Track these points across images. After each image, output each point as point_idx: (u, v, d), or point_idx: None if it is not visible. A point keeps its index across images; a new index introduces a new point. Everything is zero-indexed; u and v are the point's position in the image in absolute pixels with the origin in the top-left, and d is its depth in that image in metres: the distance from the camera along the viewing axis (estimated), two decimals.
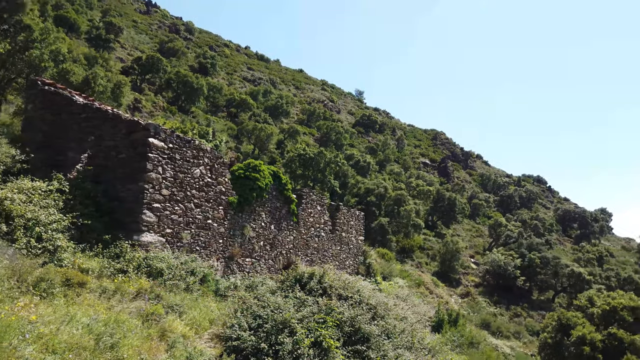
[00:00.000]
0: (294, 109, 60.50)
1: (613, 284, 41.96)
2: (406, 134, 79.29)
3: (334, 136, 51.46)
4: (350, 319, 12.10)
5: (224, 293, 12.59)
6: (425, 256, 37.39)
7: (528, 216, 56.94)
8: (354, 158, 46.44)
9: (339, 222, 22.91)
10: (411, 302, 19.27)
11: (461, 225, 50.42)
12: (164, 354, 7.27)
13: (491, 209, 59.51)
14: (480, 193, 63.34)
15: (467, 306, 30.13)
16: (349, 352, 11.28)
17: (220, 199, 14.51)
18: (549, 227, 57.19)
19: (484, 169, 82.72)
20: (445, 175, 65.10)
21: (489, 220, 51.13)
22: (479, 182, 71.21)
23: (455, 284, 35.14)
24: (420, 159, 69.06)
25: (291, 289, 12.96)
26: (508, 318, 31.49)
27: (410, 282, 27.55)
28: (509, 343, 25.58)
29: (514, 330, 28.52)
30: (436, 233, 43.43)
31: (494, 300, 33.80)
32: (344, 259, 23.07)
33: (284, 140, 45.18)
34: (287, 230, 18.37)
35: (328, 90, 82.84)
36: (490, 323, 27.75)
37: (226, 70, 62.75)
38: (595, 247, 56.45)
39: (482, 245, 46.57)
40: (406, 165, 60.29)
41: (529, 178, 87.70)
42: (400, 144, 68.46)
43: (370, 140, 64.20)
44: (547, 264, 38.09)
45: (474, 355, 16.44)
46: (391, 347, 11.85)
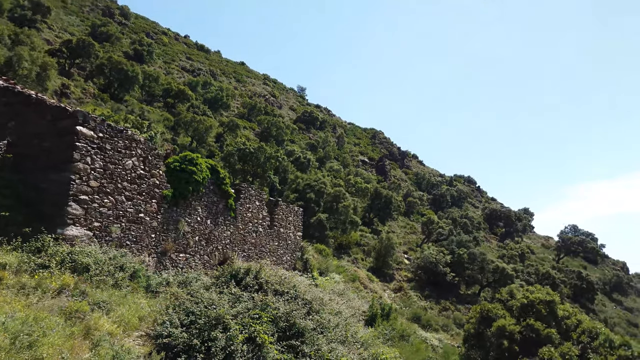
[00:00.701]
0: (235, 102, 59.54)
1: (533, 279, 45.08)
2: (346, 132, 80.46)
3: (274, 131, 51.20)
4: (286, 314, 12.14)
5: (156, 289, 12.20)
6: (361, 252, 38.21)
7: (458, 214, 59.72)
8: (295, 154, 46.50)
9: (277, 218, 22.86)
10: (346, 296, 19.63)
11: (396, 222, 51.96)
12: (87, 353, 6.93)
13: (425, 207, 61.80)
14: (415, 191, 65.60)
15: (400, 300, 31.16)
16: (284, 347, 11.32)
17: (153, 192, 14.02)
18: (477, 225, 60.29)
19: (419, 168, 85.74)
20: (383, 173, 66.81)
21: (423, 218, 53.10)
22: (414, 181, 73.72)
23: (389, 279, 36.20)
24: (359, 157, 70.36)
25: (226, 285, 12.79)
26: (437, 312, 32.90)
27: (346, 277, 28.06)
28: (437, 335, 26.74)
29: (442, 323, 29.86)
30: (372, 229, 44.48)
31: (425, 295, 35.20)
32: (282, 255, 23.08)
33: (223, 133, 44.35)
34: (224, 226, 18.08)
35: (270, 85, 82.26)
36: (420, 316, 28.87)
37: (164, 58, 60.54)
38: (518, 244, 60.27)
39: (415, 241, 48.27)
40: (346, 162, 61.20)
41: (460, 178, 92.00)
42: (341, 141, 69.37)
43: (311, 137, 64.53)
44: (475, 260, 40.18)
45: (404, 348, 17.04)
46: (325, 341, 12.03)
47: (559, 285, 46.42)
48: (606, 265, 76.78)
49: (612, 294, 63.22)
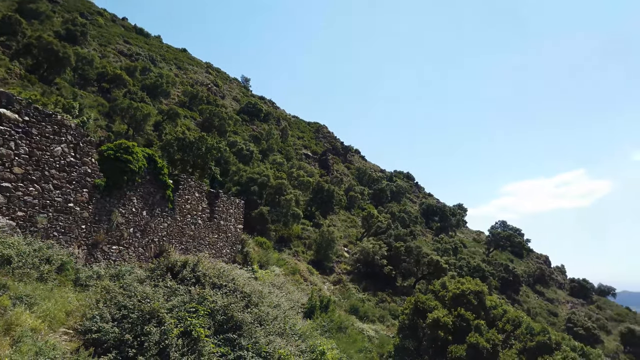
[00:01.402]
0: (175, 90, 57.64)
1: (464, 272, 47.29)
2: (290, 125, 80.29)
3: (217, 122, 50.11)
4: (223, 308, 12.01)
5: (85, 283, 11.66)
6: (302, 245, 38.40)
7: (397, 209, 61.47)
8: (237, 145, 45.81)
9: (218, 210, 22.49)
10: (286, 289, 19.71)
11: (338, 216, 52.67)
12: (8, 349, 6.51)
13: (365, 201, 63.06)
14: (357, 186, 66.74)
15: (339, 293, 31.68)
16: (220, 341, 11.20)
17: (85, 180, 13.35)
18: (414, 220, 62.37)
19: (361, 163, 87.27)
20: (326, 167, 67.40)
21: (363, 212, 54.14)
22: (356, 175, 74.97)
23: (329, 272, 36.69)
24: (302, 151, 70.51)
25: (162, 278, 12.45)
26: (374, 303, 33.77)
27: (286, 270, 28.13)
28: (373, 326, 27.46)
29: (379, 315, 30.69)
30: (314, 223, 44.82)
31: (363, 287, 36.00)
32: (221, 248, 22.74)
33: (162, 122, 42.84)
34: (160, 217, 17.54)
35: (213, 74, 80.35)
36: (358, 308, 29.51)
37: (99, 41, 57.41)
38: (452, 238, 63.02)
39: (355, 235, 49.18)
40: (289, 155, 61.12)
41: (399, 174, 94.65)
42: (284, 134, 69.16)
43: (254, 129, 63.81)
44: (411, 253, 41.57)
45: (341, 339, 17.37)
46: (263, 334, 12.03)
47: (488, 277, 49.04)
48: (531, 259, 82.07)
49: (535, 285, 67.72)
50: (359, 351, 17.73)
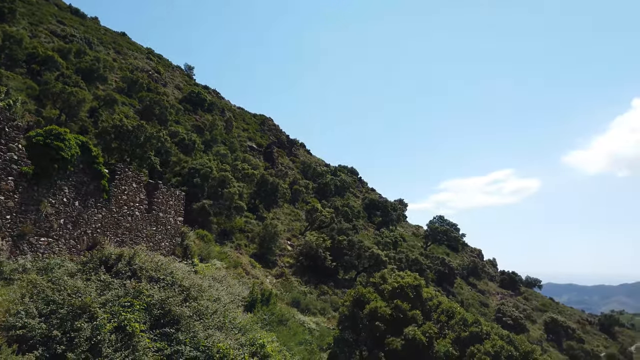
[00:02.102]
0: (113, 76, 54.99)
1: (403, 265, 48.76)
2: (235, 116, 79.00)
3: (157, 110, 48.35)
4: (161, 302, 11.70)
5: (10, 277, 10.96)
6: (245, 238, 38.02)
7: (340, 203, 62.27)
8: (179, 135, 44.49)
9: (156, 202, 21.77)
10: (227, 283, 19.44)
11: (282, 209, 52.58)
12: None
13: (310, 195, 63.36)
14: (301, 180, 66.92)
15: (281, 286, 31.69)
16: (157, 336, 10.92)
17: (10, 168, 12.48)
18: (357, 214, 63.46)
19: (306, 157, 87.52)
20: (270, 160, 66.99)
21: (307, 206, 54.38)
22: (301, 169, 75.13)
23: (272, 265, 36.60)
24: (247, 143, 69.63)
25: (95, 272, 11.93)
26: (316, 296, 34.11)
27: (228, 263, 27.77)
28: (315, 319, 27.74)
29: (320, 307, 31.03)
30: (258, 216, 44.49)
31: (305, 280, 36.25)
32: (160, 240, 22.07)
33: (98, 108, 40.75)
34: (94, 208, 16.74)
35: (154, 60, 77.41)
36: (300, 301, 29.69)
37: (29, 19, 53.62)
38: (392, 232, 64.73)
39: (299, 228, 49.34)
40: (233, 147, 60.17)
41: (344, 169, 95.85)
42: (229, 125, 67.95)
43: (197, 119, 62.21)
44: (353, 247, 42.32)
45: (282, 332, 17.41)
46: (202, 328, 11.84)
47: (425, 270, 50.87)
48: (465, 253, 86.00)
49: (468, 278, 71.06)
50: (299, 344, 17.86)
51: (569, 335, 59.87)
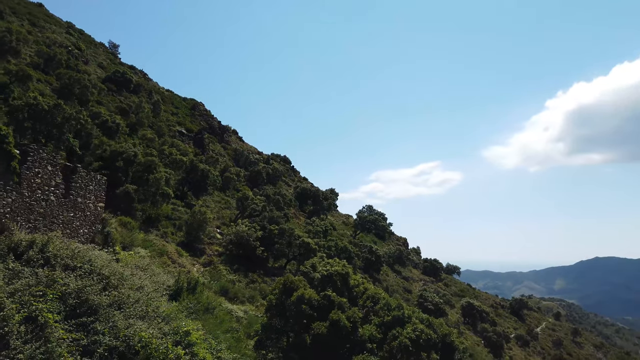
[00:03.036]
0: (28, 49, 50.67)
1: (333, 253, 49.69)
2: (164, 99, 75.90)
3: (77, 89, 45.24)
4: (77, 291, 11.13)
5: None
6: (172, 226, 36.85)
7: (272, 192, 62.08)
8: (102, 117, 42.00)
9: (75, 186, 20.51)
10: (151, 271, 18.82)
11: (212, 197, 51.49)
12: None
13: (241, 183, 62.55)
14: (233, 167, 65.81)
15: (209, 274, 31.13)
16: (72, 326, 10.39)
17: None
18: (289, 203, 63.65)
19: (238, 144, 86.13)
20: (201, 146, 65.20)
21: (238, 194, 53.67)
22: (233, 156, 73.90)
23: (200, 254, 35.84)
24: (176, 128, 67.23)
25: (2, 260, 11.08)
26: (245, 284, 33.88)
27: (153, 251, 26.85)
28: (243, 307, 27.61)
29: (249, 295, 30.90)
30: (186, 203, 43.25)
31: (234, 268, 35.86)
32: (78, 227, 20.85)
33: (9, 84, 37.45)
34: (3, 192, 15.47)
35: (75, 36, 72.23)
36: (228, 290, 29.38)
37: None
38: (323, 221, 65.63)
39: (229, 216, 48.60)
40: (161, 131, 57.83)
41: (276, 157, 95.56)
42: (157, 108, 65.16)
43: (122, 101, 59.03)
44: (283, 235, 42.43)
45: (208, 320, 17.17)
46: (122, 317, 11.41)
47: (354, 258, 52.19)
48: (392, 241, 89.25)
49: (394, 265, 73.87)
50: (226, 331, 17.71)
51: (484, 318, 64.25)
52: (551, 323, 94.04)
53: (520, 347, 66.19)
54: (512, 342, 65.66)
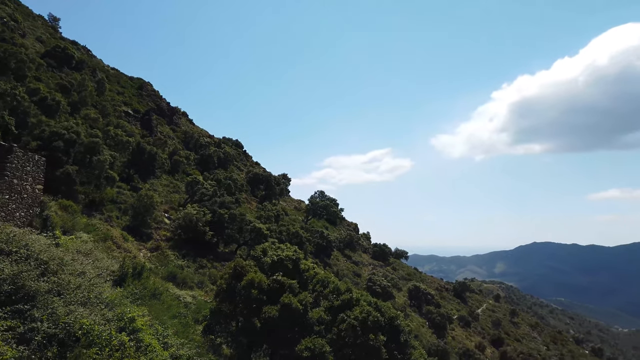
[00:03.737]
0: None
1: (284, 238, 49.76)
2: (109, 77, 72.53)
3: (13, 64, 42.38)
4: (12, 276, 10.57)
5: None
6: (117, 210, 35.57)
7: (223, 176, 61.12)
8: (40, 94, 39.63)
9: (10, 167, 19.33)
10: (94, 256, 18.13)
11: (159, 180, 50.06)
12: None
13: (191, 166, 61.15)
14: (182, 150, 64.14)
15: (156, 260, 30.40)
16: (7, 313, 9.89)
17: None
18: (240, 187, 62.95)
19: (188, 127, 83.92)
20: (149, 128, 62.99)
21: (188, 177, 52.48)
22: (182, 139, 71.97)
23: (147, 239, 34.87)
24: (122, 108, 64.53)
25: None
26: (194, 270, 33.35)
27: (96, 236, 25.85)
28: (192, 292, 27.20)
29: (198, 281, 30.46)
30: (132, 187, 41.81)
31: (183, 254, 35.19)
32: (14, 210, 19.70)
33: None
34: None
35: (10, 6, 67.35)
36: (176, 275, 28.82)
37: None
38: (275, 206, 65.44)
39: (178, 201, 47.48)
40: (105, 111, 55.33)
41: (228, 141, 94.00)
42: (101, 87, 62.19)
43: (63, 78, 55.85)
44: (234, 220, 42.00)
45: (154, 306, 16.80)
46: (62, 304, 10.96)
47: (305, 243, 52.50)
48: (343, 226, 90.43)
49: (344, 250, 75.03)
50: (173, 317, 17.41)
51: (429, 300, 66.71)
52: (491, 305, 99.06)
53: (462, 328, 69.37)
54: (454, 323, 68.66)
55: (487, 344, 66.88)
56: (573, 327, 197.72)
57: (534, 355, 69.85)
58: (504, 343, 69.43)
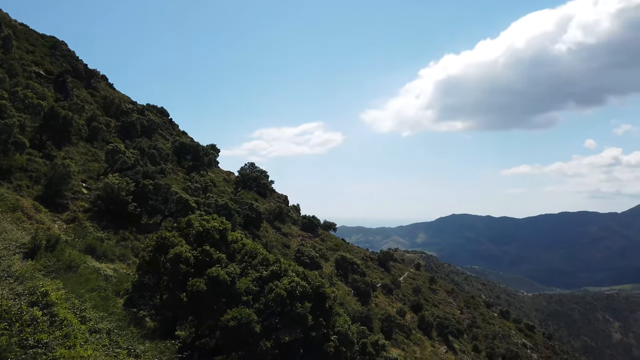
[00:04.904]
0: None
1: (212, 210, 48.90)
2: (17, 34, 65.86)
3: None
4: None
5: None
6: (27, 179, 32.97)
7: (147, 145, 58.43)
8: None
9: None
10: (1, 228, 16.78)
11: (76, 147, 46.89)
12: None
13: (111, 134, 57.75)
14: (102, 116, 60.25)
15: (72, 232, 28.72)
16: None
17: None
18: (166, 157, 60.64)
19: (108, 91, 78.76)
20: (63, 91, 58.32)
21: (108, 146, 49.57)
22: (102, 104, 67.55)
23: (62, 210, 32.76)
24: (33, 68, 59.11)
25: None
26: (115, 242, 31.93)
27: (4, 207, 23.90)
28: (113, 265, 26.12)
29: (119, 254, 29.25)
30: (45, 154, 38.82)
31: (103, 225, 33.52)
32: None
33: None
34: None
35: None
36: (96, 247, 27.47)
37: None
38: (203, 177, 63.88)
39: (97, 170, 44.86)
40: (13, 71, 50.41)
41: (152, 108, 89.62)
42: (7, 44, 56.40)
43: None
44: (159, 191, 40.51)
45: (71, 279, 15.95)
46: None
47: (234, 215, 52.01)
48: (273, 198, 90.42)
49: (274, 222, 75.28)
50: (91, 290, 16.65)
51: (355, 269, 69.13)
52: (412, 273, 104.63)
53: (385, 295, 72.84)
54: (378, 290, 71.90)
55: (407, 309, 70.87)
56: (485, 292, 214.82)
57: (449, 319, 75.09)
58: (423, 308, 73.91)
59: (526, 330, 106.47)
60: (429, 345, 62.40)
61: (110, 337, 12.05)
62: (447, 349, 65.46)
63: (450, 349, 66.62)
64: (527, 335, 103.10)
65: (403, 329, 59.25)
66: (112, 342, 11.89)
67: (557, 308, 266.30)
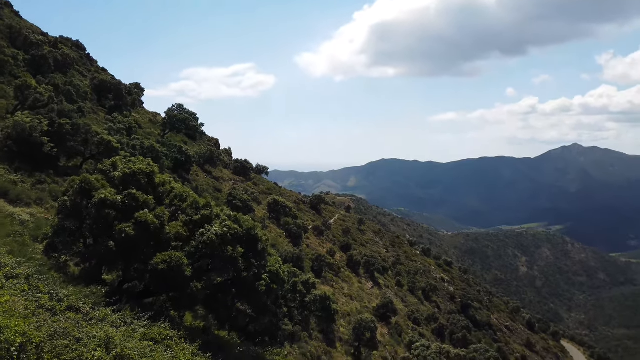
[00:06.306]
0: None
1: (138, 152, 46.73)
2: None
3: None
4: None
5: None
6: None
7: (62, 81, 53.76)
8: None
9: None
10: None
11: None
12: None
13: (20, 68, 52.36)
14: (8, 48, 54.22)
15: None
16: None
17: None
18: (84, 95, 56.42)
19: (14, 20, 70.50)
20: None
21: (17, 81, 44.98)
22: (7, 34, 60.57)
23: None
24: None
25: None
26: (30, 185, 29.79)
27: None
28: (28, 210, 24.55)
29: (36, 197, 27.41)
30: None
31: (15, 168, 31.04)
32: None
33: None
34: None
35: None
36: (9, 191, 25.59)
37: None
38: (126, 118, 60.37)
39: (5, 107, 40.86)
40: None
41: (67, 41, 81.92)
42: None
43: None
44: (78, 132, 37.86)
45: None
46: None
47: (162, 158, 50.15)
48: (203, 142, 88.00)
49: (205, 165, 73.70)
50: (7, 236, 15.62)
51: (287, 213, 70.14)
52: (343, 215, 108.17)
53: (316, 237, 75.05)
54: (309, 232, 73.85)
55: (337, 249, 73.77)
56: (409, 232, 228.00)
57: (375, 257, 79.33)
58: (352, 248, 77.26)
59: (445, 266, 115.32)
60: (356, 282, 65.94)
61: (30, 283, 11.51)
62: (373, 285, 69.64)
63: (376, 284, 70.93)
64: (446, 270, 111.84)
65: (332, 268, 61.88)
66: (32, 287, 11.37)
67: (473, 245, 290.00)
